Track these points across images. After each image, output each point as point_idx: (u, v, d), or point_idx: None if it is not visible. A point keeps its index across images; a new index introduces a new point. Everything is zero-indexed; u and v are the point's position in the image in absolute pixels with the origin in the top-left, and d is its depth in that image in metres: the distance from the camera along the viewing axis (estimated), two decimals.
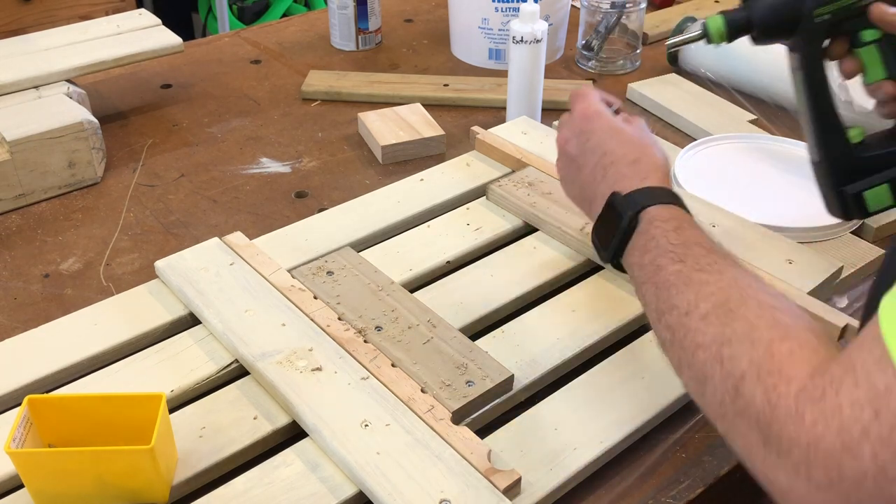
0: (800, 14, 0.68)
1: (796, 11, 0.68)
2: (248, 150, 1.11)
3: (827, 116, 0.72)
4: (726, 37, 0.71)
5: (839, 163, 0.72)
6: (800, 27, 0.68)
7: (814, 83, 0.71)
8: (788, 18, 0.69)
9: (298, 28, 1.47)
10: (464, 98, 1.21)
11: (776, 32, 0.70)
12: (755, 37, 0.70)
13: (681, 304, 0.56)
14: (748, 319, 0.51)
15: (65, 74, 1.07)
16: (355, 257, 0.84)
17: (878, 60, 0.69)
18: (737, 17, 0.71)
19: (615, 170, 0.68)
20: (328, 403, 0.66)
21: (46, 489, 0.60)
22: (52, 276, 0.88)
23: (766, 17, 0.69)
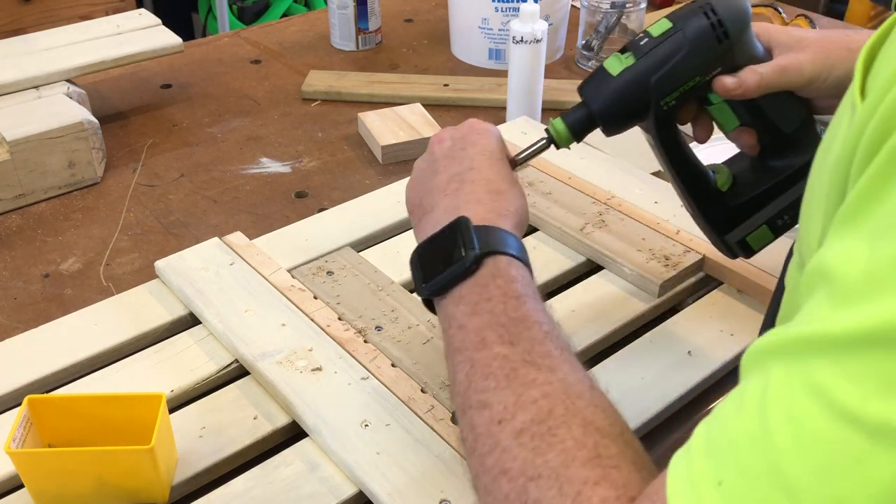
0: (646, 105, 0.63)
1: (641, 104, 0.63)
2: (248, 150, 1.11)
3: (693, 179, 0.69)
4: (573, 138, 0.66)
5: (715, 216, 0.70)
6: (647, 115, 0.64)
7: (673, 155, 0.68)
8: (634, 111, 0.64)
9: (298, 28, 1.47)
10: (464, 98, 1.21)
11: (624, 123, 0.65)
12: (604, 131, 0.66)
13: (495, 406, 0.46)
14: (566, 449, 0.43)
15: (65, 74, 1.07)
16: (355, 257, 0.84)
17: (729, 113, 0.67)
18: (578, 117, 0.65)
19: (472, 189, 0.59)
20: (328, 403, 0.66)
21: (46, 489, 0.60)
22: (52, 276, 0.88)
23: (608, 113, 0.64)
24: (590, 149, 1.02)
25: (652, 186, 0.93)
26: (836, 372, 0.31)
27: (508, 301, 0.51)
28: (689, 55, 0.62)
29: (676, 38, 0.62)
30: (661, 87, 0.63)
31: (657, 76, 0.62)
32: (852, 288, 0.32)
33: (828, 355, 0.32)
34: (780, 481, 0.32)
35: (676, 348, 0.74)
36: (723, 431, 0.35)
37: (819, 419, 0.31)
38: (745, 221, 0.70)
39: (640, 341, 0.75)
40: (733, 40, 0.63)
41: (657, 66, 0.62)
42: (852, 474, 0.30)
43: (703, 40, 0.62)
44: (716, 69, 0.64)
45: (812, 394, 0.32)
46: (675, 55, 0.62)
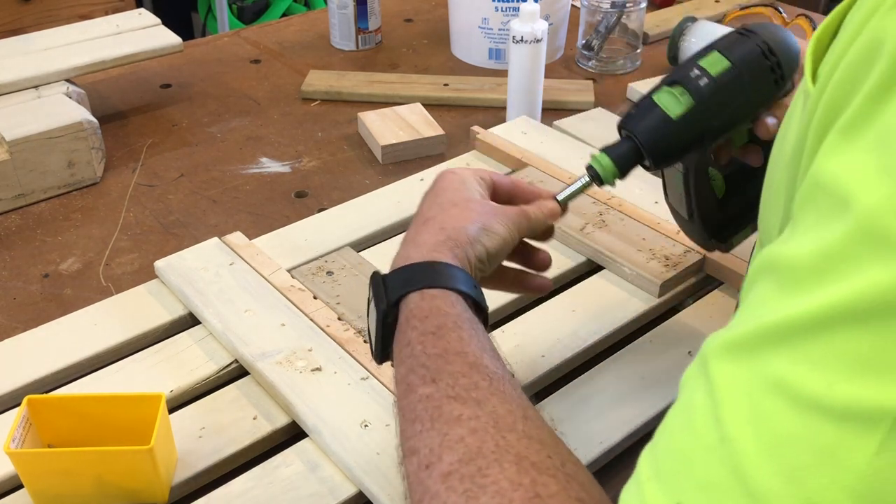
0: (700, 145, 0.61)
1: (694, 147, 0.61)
2: (247, 149, 1.10)
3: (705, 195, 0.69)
4: (619, 175, 0.62)
5: (711, 221, 0.70)
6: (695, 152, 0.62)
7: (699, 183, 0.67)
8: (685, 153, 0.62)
9: (298, 28, 1.47)
10: (464, 98, 1.21)
11: (671, 163, 0.64)
12: (648, 166, 0.62)
13: (422, 450, 0.43)
14: (500, 490, 0.39)
15: (64, 74, 1.07)
16: (355, 257, 0.83)
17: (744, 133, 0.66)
18: (624, 153, 0.61)
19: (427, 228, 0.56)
20: (328, 403, 0.66)
21: (46, 489, 0.60)
22: (52, 276, 0.87)
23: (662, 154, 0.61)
24: (590, 149, 1.02)
25: (652, 186, 0.93)
26: (795, 361, 0.29)
27: (426, 339, 0.48)
28: (750, 102, 0.60)
29: (736, 83, 0.59)
30: (717, 130, 0.60)
31: (717, 122, 0.60)
32: (802, 273, 0.31)
33: (783, 345, 0.30)
34: (747, 489, 0.30)
35: (676, 348, 0.74)
36: (673, 451, 0.33)
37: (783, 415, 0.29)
38: (734, 224, 0.71)
39: (640, 341, 0.75)
40: (784, 84, 0.60)
41: (717, 111, 0.59)
42: (824, 468, 0.28)
43: (762, 85, 0.59)
44: (764, 109, 0.61)
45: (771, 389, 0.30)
46: (736, 100, 0.59)
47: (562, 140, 1.04)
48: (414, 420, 0.45)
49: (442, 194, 0.58)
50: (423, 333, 0.48)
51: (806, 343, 0.29)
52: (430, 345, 0.48)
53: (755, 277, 0.34)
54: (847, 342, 0.28)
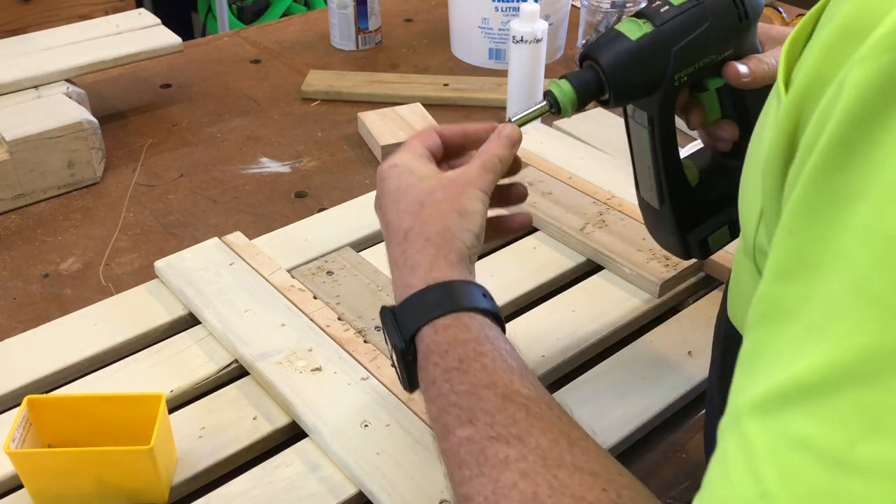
0: (661, 77, 0.60)
1: (657, 75, 0.60)
2: (247, 149, 1.10)
3: (675, 170, 0.67)
4: (577, 102, 0.60)
5: (683, 210, 0.68)
6: (658, 90, 0.61)
7: (665, 140, 0.65)
8: (648, 83, 0.60)
9: (298, 28, 1.47)
10: (464, 98, 1.21)
11: (632, 94, 0.62)
12: (606, 101, 0.61)
13: (476, 498, 0.42)
14: None
15: (64, 74, 1.07)
16: (355, 257, 0.83)
17: (715, 103, 0.66)
18: (586, 79, 0.60)
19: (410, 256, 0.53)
20: (328, 403, 0.66)
21: (46, 489, 0.60)
22: (52, 277, 0.87)
23: (622, 81, 0.59)
24: (590, 149, 1.02)
25: None
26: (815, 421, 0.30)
27: (451, 375, 0.46)
28: (712, 28, 0.60)
29: (699, 10, 0.59)
30: (680, 58, 0.60)
31: (678, 46, 0.59)
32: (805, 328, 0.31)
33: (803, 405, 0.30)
34: None
35: (676, 348, 0.74)
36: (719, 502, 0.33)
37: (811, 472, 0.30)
38: (708, 220, 0.69)
39: (640, 341, 0.75)
40: (751, 21, 0.61)
41: (679, 35, 0.59)
42: None
43: (725, 15, 0.60)
44: (729, 49, 0.61)
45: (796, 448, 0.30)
46: (699, 27, 0.59)
47: (562, 140, 1.04)
48: (460, 465, 0.43)
49: (400, 197, 0.55)
50: (446, 370, 0.47)
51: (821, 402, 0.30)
52: (457, 381, 0.46)
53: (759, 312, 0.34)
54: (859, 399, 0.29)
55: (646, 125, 0.65)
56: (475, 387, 0.45)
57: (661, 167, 0.66)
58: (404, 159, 0.57)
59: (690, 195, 0.68)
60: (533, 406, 0.44)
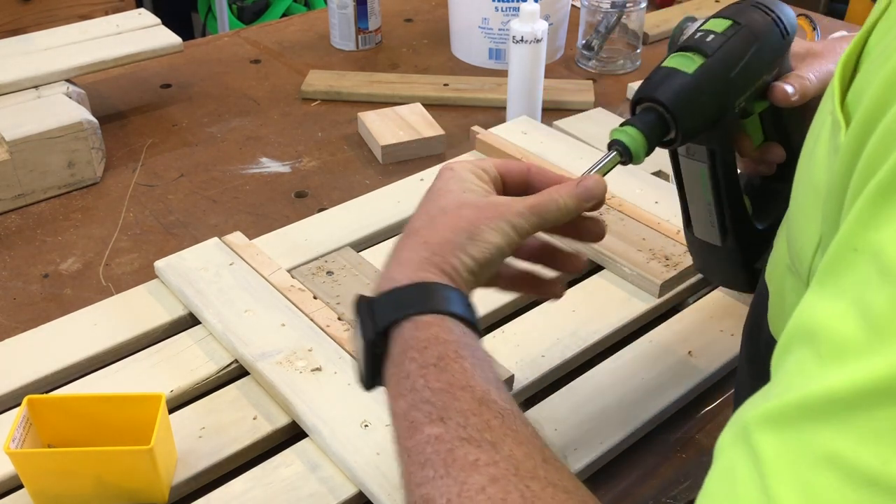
0: (724, 107, 0.57)
1: (720, 106, 0.57)
2: (247, 149, 1.10)
3: (739, 205, 0.64)
4: (648, 147, 0.56)
5: (748, 244, 0.65)
6: (722, 120, 0.58)
7: (727, 174, 0.62)
8: (713, 115, 0.57)
9: (298, 28, 1.47)
10: (464, 98, 1.21)
11: (699, 128, 0.58)
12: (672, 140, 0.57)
13: (437, 500, 0.39)
14: None
15: (64, 74, 1.07)
16: (355, 257, 0.83)
17: (758, 127, 0.64)
18: (651, 121, 0.56)
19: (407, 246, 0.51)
20: (328, 403, 0.66)
21: (46, 489, 0.60)
22: (52, 277, 0.87)
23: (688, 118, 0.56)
24: (590, 149, 1.02)
25: (652, 186, 0.93)
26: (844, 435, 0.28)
27: (427, 371, 0.44)
28: (761, 49, 0.58)
29: (746, 33, 0.58)
30: (739, 84, 0.58)
31: (735, 72, 0.57)
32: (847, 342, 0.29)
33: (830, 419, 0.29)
34: None
35: (676, 348, 0.74)
36: None
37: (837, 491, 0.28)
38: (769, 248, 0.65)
39: (640, 341, 0.75)
40: (791, 38, 0.60)
41: (733, 61, 0.57)
42: None
43: (769, 35, 0.58)
44: (776, 69, 0.60)
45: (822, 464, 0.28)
46: (749, 49, 0.57)
47: (562, 140, 1.04)
48: (424, 464, 0.41)
49: (434, 197, 0.53)
50: (423, 366, 0.44)
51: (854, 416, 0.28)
52: (433, 378, 0.44)
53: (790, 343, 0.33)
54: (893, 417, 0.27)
55: (705, 160, 0.62)
56: (452, 386, 0.43)
57: (724, 203, 0.63)
58: (462, 167, 0.54)
59: (751, 226, 0.66)
60: (508, 418, 0.42)
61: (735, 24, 0.58)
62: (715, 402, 0.72)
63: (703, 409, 0.72)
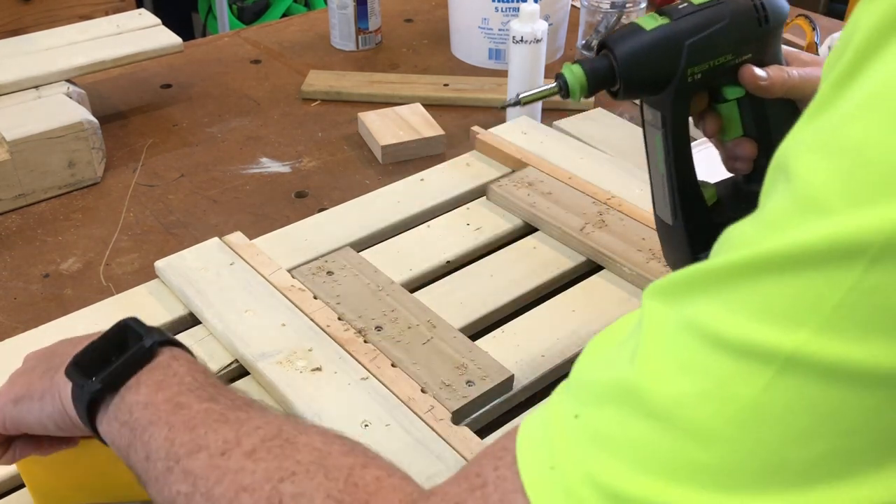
0: (673, 70, 0.60)
1: (669, 68, 0.60)
2: (248, 150, 1.11)
3: (688, 180, 0.66)
4: (587, 88, 0.61)
5: (697, 229, 0.67)
6: (670, 85, 0.61)
7: (678, 143, 0.64)
8: (659, 75, 0.61)
9: (298, 28, 1.47)
10: (464, 98, 1.21)
11: (642, 88, 0.62)
12: (616, 91, 0.62)
13: (213, 445, 0.43)
14: (315, 448, 0.41)
15: (65, 74, 1.07)
16: (355, 257, 0.84)
17: (736, 118, 0.65)
18: (598, 66, 0.61)
19: None
20: (328, 403, 0.66)
21: (46, 488, 0.60)
22: (52, 276, 0.88)
23: (633, 71, 0.60)
24: (590, 149, 1.03)
25: None
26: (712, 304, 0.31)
27: (196, 373, 0.48)
28: (728, 28, 0.60)
29: (718, 9, 0.60)
30: (693, 53, 0.60)
31: (692, 40, 0.60)
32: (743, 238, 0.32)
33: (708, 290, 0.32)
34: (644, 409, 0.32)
35: None
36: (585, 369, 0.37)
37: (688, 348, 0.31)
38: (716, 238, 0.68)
39: None
40: (771, 27, 0.62)
41: (694, 30, 0.60)
42: (713, 397, 0.30)
43: (743, 17, 0.61)
44: (747, 54, 0.62)
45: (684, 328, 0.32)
46: (714, 25, 0.60)
47: (562, 140, 1.04)
48: (194, 427, 0.44)
49: None
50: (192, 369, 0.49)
51: (728, 289, 0.31)
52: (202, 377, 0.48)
53: None
54: (763, 289, 0.30)
55: (659, 126, 0.64)
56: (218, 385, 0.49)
57: (673, 175, 0.65)
58: None
59: (704, 213, 0.67)
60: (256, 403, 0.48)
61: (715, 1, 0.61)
62: None
63: None
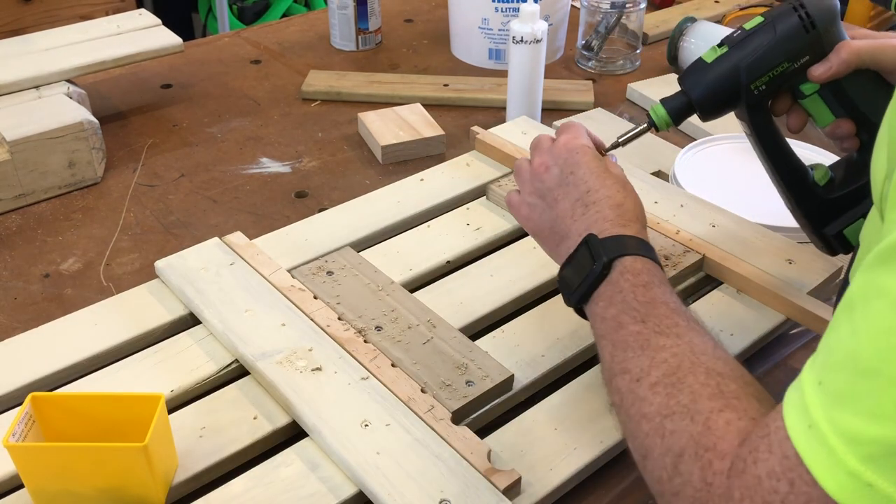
0: (738, 89, 0.70)
1: (733, 88, 0.70)
2: (248, 150, 1.11)
3: (789, 170, 0.74)
4: (672, 122, 0.72)
5: (812, 209, 0.75)
6: (740, 101, 0.70)
7: (768, 144, 0.74)
8: (727, 96, 0.70)
9: (298, 28, 1.47)
10: (464, 98, 1.21)
11: (719, 109, 0.71)
12: (700, 116, 0.72)
13: (633, 370, 0.55)
14: (693, 390, 0.51)
15: (65, 74, 1.07)
16: (355, 257, 0.84)
17: (823, 106, 0.72)
18: (677, 104, 0.71)
19: (597, 209, 0.65)
20: (328, 403, 0.66)
21: (45, 487, 0.60)
22: (53, 276, 0.88)
23: (704, 98, 0.70)
24: None
25: (652, 186, 0.93)
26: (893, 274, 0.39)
27: (637, 290, 0.60)
28: (777, 42, 0.68)
29: (766, 29, 0.69)
30: (750, 71, 0.69)
31: (747, 62, 0.69)
32: None
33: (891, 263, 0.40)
34: (859, 368, 0.40)
35: None
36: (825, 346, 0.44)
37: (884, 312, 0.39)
38: (842, 215, 0.74)
39: None
40: (820, 31, 0.68)
41: (748, 53, 0.69)
42: None
43: (790, 30, 0.68)
44: (804, 57, 0.69)
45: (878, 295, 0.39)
46: (765, 43, 0.68)
47: None
48: (626, 349, 0.57)
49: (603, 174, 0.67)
50: (634, 286, 0.60)
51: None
52: (641, 294, 0.59)
53: None
54: None
55: (750, 133, 0.74)
56: (654, 301, 0.59)
57: (773, 169, 0.75)
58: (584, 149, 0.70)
59: (814, 195, 0.74)
60: (692, 323, 0.57)
61: (763, 21, 0.69)
62: None
63: None
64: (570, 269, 0.65)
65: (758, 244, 0.84)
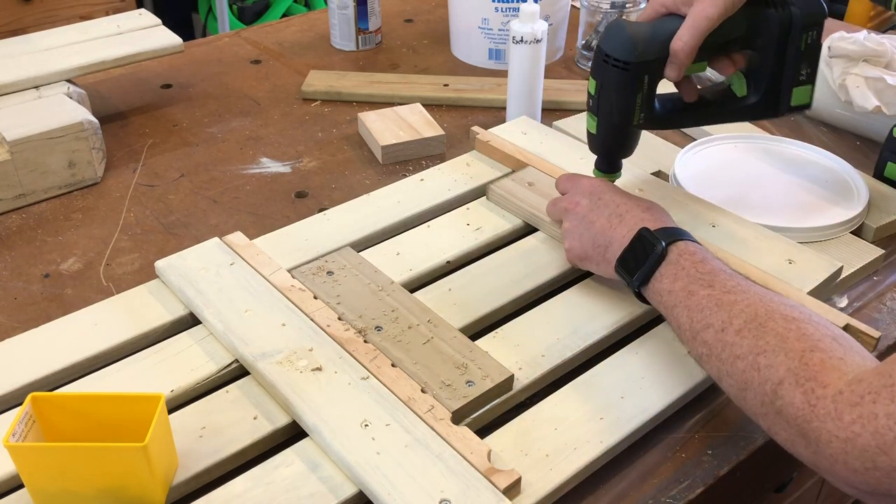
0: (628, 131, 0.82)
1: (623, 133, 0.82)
2: (248, 150, 1.11)
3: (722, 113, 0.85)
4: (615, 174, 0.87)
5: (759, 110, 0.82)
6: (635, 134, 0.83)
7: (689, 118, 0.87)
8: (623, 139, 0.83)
9: (298, 28, 1.47)
10: (464, 98, 1.21)
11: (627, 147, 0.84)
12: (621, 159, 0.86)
13: (715, 323, 0.63)
14: (778, 332, 0.59)
15: (65, 74, 1.07)
16: (355, 257, 0.84)
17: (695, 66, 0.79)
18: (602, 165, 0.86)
19: (632, 215, 0.75)
20: (328, 403, 0.66)
21: (44, 487, 0.60)
22: (52, 276, 0.88)
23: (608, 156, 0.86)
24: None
25: (652, 186, 0.93)
26: None
27: (697, 265, 0.68)
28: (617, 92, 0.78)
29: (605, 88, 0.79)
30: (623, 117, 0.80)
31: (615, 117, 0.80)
32: None
33: None
34: None
35: (676, 348, 0.74)
36: None
37: None
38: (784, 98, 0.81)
39: (639, 341, 0.75)
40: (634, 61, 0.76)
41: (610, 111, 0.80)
42: None
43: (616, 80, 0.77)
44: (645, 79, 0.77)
45: None
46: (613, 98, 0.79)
47: (562, 140, 1.04)
48: (703, 309, 0.65)
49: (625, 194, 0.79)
50: (693, 262, 0.68)
51: None
52: (701, 267, 0.68)
53: None
54: None
55: None
56: (714, 270, 0.67)
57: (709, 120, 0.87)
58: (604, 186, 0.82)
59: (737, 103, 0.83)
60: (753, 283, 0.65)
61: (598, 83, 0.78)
62: (715, 402, 0.72)
63: (703, 409, 0.72)
64: (628, 258, 0.73)
65: (758, 244, 0.84)
